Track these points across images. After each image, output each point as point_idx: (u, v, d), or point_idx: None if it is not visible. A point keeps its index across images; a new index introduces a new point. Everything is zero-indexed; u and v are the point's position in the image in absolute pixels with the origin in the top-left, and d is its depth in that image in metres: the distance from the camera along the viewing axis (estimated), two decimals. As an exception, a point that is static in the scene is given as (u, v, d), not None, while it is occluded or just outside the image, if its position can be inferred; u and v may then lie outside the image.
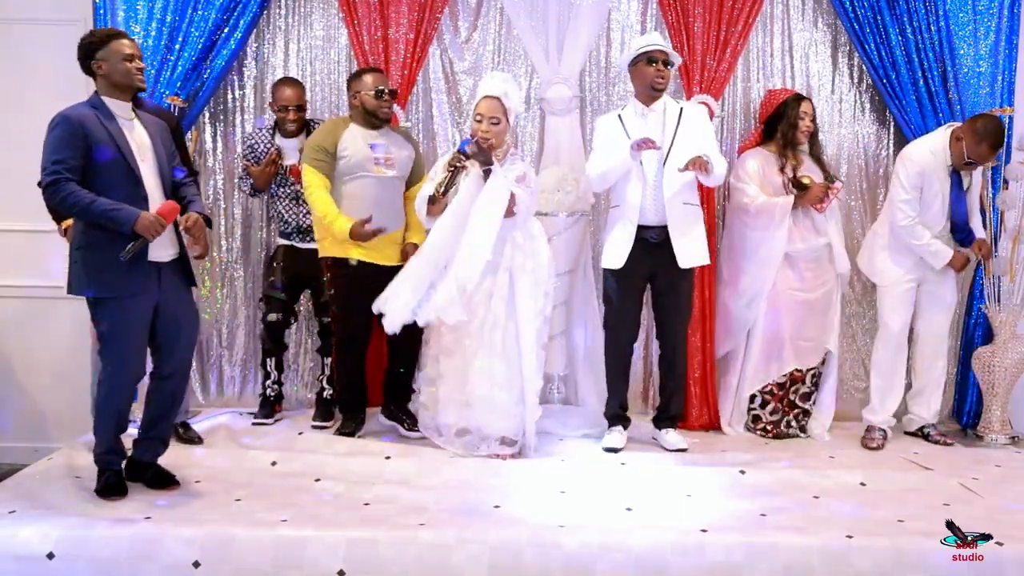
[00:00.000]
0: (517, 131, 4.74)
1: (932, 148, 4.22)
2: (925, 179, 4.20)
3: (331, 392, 4.43)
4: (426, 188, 3.99)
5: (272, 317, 4.39)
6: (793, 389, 4.42)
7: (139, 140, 3.33)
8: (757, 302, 4.36)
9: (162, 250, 3.34)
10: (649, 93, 4.07)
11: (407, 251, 4.10)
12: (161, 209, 3.23)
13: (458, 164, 3.89)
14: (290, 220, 4.42)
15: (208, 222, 3.59)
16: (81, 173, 3.17)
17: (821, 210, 4.27)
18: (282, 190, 4.41)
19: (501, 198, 3.83)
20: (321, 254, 4.17)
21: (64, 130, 3.17)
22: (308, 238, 4.37)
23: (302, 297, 4.62)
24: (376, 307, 3.87)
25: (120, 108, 3.31)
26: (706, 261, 4.16)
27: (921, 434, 4.41)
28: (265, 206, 4.71)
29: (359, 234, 3.93)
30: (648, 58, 4.01)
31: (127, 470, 3.50)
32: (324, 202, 4.02)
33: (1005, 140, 4.16)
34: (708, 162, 3.84)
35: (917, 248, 4.23)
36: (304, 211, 4.35)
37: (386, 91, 4.10)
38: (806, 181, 4.26)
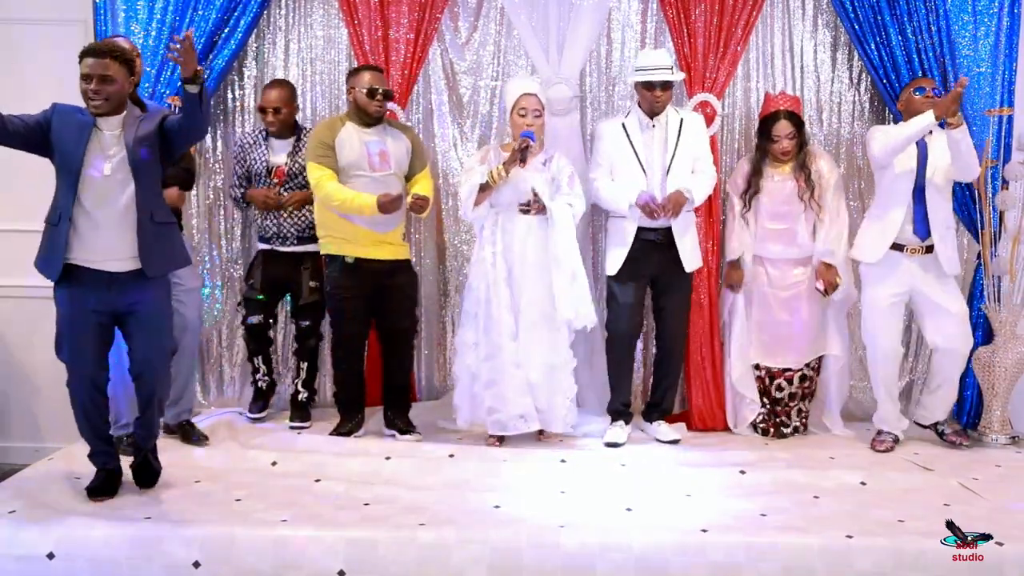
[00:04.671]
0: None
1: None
2: (889, 150, 4.00)
3: (305, 395, 4.47)
4: (475, 180, 4.05)
5: (253, 320, 4.40)
6: (776, 386, 4.40)
7: (108, 151, 3.24)
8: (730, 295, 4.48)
9: (111, 261, 3.24)
10: (650, 109, 4.20)
11: (418, 204, 4.03)
12: None
13: (525, 146, 3.95)
14: (269, 226, 4.37)
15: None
16: (19, 122, 3.20)
17: None
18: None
19: (568, 220, 4.05)
20: (322, 252, 4.19)
21: (46, 111, 3.26)
22: (288, 242, 4.37)
23: (281, 301, 4.62)
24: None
25: (105, 122, 3.26)
26: (701, 264, 4.35)
27: (936, 431, 4.24)
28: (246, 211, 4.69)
29: (386, 205, 3.95)
30: (645, 84, 4.11)
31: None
32: (340, 189, 4.01)
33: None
34: (688, 197, 4.09)
35: None
36: (284, 215, 4.33)
37: (379, 91, 4.08)
38: None
